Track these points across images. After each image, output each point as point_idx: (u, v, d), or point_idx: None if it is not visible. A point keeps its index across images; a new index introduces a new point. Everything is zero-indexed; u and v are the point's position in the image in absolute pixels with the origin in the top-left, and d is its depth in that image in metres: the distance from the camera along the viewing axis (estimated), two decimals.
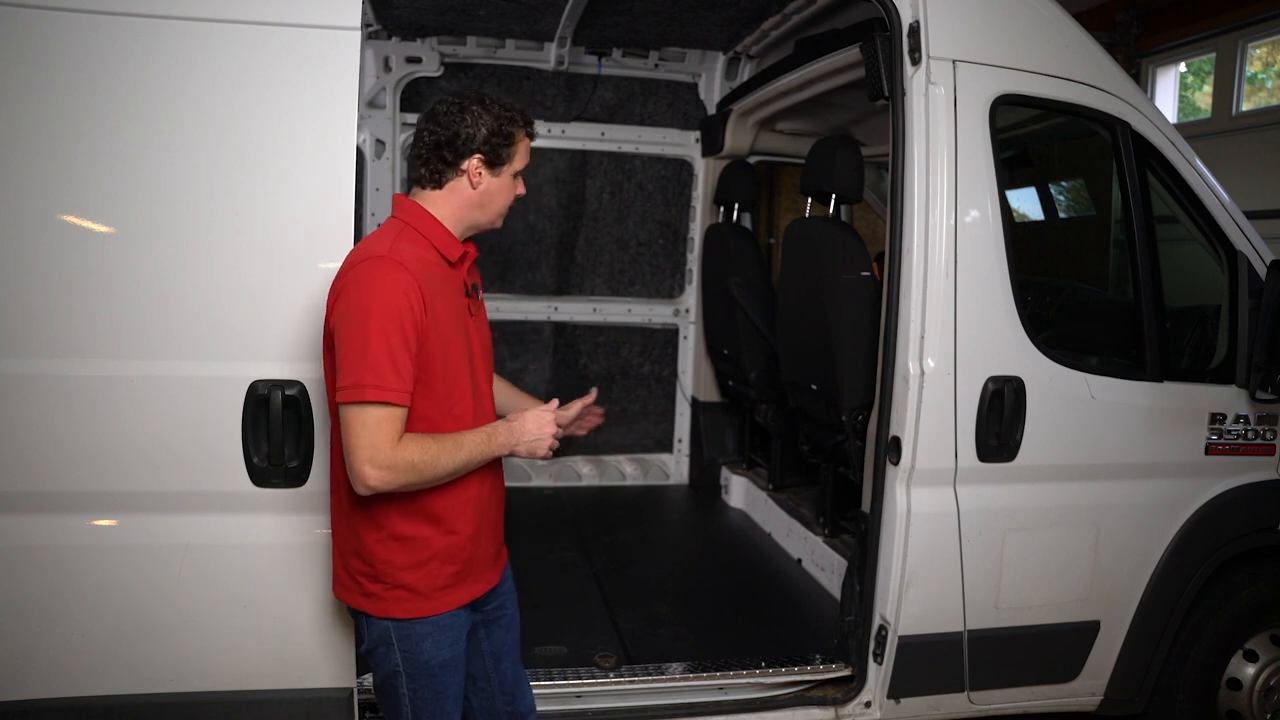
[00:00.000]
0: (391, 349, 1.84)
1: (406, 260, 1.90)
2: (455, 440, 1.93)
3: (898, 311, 2.69)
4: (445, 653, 2.05)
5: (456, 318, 2.02)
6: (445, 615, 2.04)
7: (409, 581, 1.99)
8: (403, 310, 1.85)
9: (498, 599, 2.23)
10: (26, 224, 2.17)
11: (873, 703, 2.83)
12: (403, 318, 1.85)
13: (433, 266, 1.98)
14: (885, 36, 2.69)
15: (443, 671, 2.05)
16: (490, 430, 2.00)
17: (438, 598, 2.02)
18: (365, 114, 4.14)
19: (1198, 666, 3.06)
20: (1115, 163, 2.92)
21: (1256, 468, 3.05)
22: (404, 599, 2.00)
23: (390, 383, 1.84)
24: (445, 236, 2.03)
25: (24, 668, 2.30)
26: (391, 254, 1.90)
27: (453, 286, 2.03)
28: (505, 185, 2.06)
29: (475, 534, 2.07)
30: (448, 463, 1.90)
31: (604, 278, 4.86)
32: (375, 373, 1.83)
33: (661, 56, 4.53)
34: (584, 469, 4.89)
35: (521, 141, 2.06)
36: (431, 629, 2.03)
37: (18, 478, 2.23)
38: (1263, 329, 2.87)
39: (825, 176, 3.32)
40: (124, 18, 2.18)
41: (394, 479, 1.85)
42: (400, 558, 1.99)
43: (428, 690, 2.05)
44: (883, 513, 2.76)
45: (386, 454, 1.83)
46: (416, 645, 2.02)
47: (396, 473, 1.84)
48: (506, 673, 2.29)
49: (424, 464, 1.87)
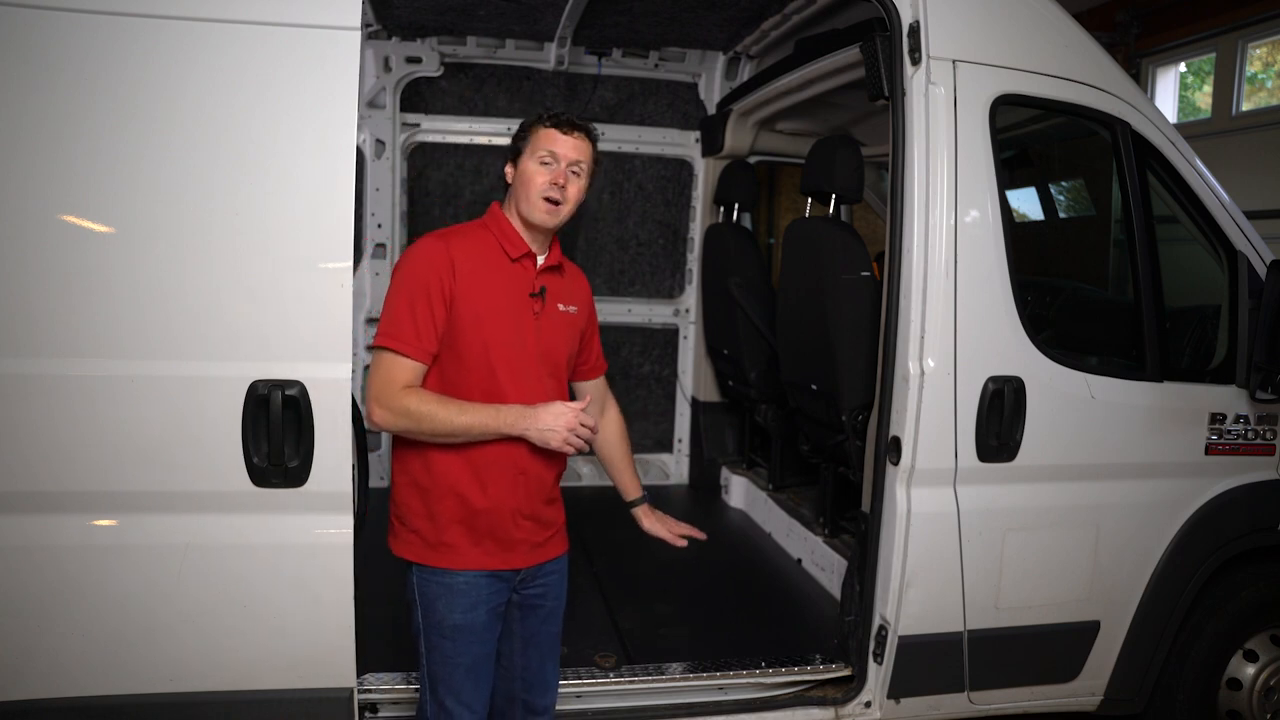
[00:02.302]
0: (413, 305, 2.08)
1: (450, 238, 2.16)
2: (461, 405, 2.10)
3: (898, 311, 2.69)
4: (457, 617, 2.16)
5: (506, 303, 2.17)
6: (459, 579, 2.16)
7: (419, 528, 2.19)
8: (427, 273, 2.09)
9: (539, 586, 2.32)
10: (26, 224, 2.16)
11: (873, 703, 2.83)
12: (427, 279, 2.09)
13: (487, 253, 2.19)
14: (885, 36, 2.69)
15: (454, 635, 2.16)
16: (501, 407, 2.12)
17: (444, 552, 2.17)
18: (365, 114, 4.14)
19: (1198, 666, 3.06)
20: (1115, 163, 2.92)
21: (1256, 468, 3.05)
22: (413, 543, 2.20)
23: (404, 334, 2.08)
24: (509, 232, 2.22)
25: (24, 668, 2.30)
26: (439, 234, 2.18)
27: (512, 278, 2.20)
28: (527, 171, 2.19)
29: (492, 507, 2.17)
30: (446, 420, 2.07)
31: (604, 278, 4.86)
32: (393, 323, 2.09)
33: (661, 56, 4.53)
34: (584, 469, 4.88)
35: (536, 132, 2.20)
36: (444, 590, 2.17)
37: (18, 478, 2.23)
38: (1263, 329, 2.87)
39: (825, 176, 3.32)
40: (124, 18, 2.17)
41: (393, 420, 2.08)
42: (416, 504, 2.19)
43: (438, 651, 2.18)
44: (883, 513, 2.76)
45: (388, 396, 2.07)
46: (432, 603, 2.18)
47: (394, 415, 2.07)
48: (533, 661, 2.34)
49: (420, 414, 2.06)
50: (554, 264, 2.28)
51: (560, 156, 2.16)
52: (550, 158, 2.16)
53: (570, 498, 4.93)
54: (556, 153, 2.16)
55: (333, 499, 2.33)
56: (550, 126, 2.18)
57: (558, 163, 2.16)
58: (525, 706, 2.36)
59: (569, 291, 2.32)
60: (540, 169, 2.16)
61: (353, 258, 2.32)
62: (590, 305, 2.41)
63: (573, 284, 2.35)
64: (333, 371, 2.27)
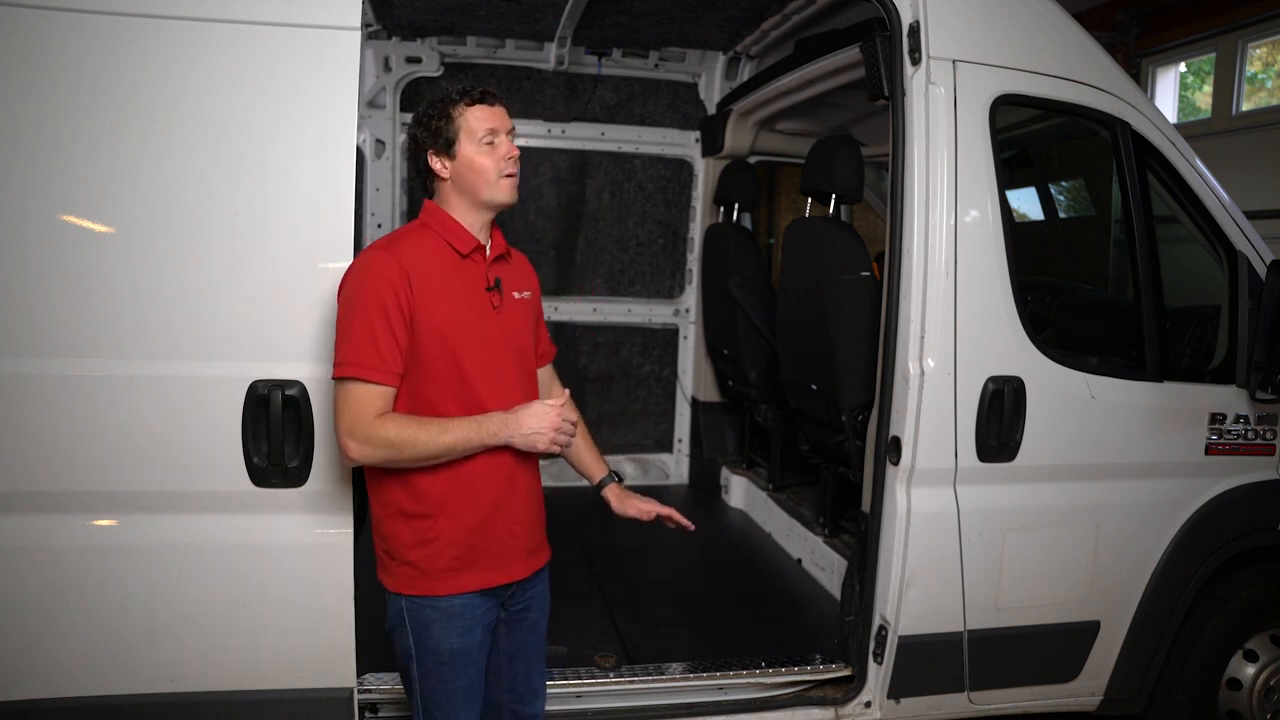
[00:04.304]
0: (372, 328, 1.93)
1: (397, 249, 2.01)
2: (440, 424, 1.97)
3: (898, 311, 2.69)
4: (454, 641, 2.07)
5: (466, 306, 2.06)
6: (455, 602, 2.06)
7: (414, 559, 2.05)
8: (383, 291, 1.94)
9: (524, 601, 2.22)
10: (26, 224, 2.17)
11: (873, 703, 2.83)
12: (383, 298, 1.94)
13: (437, 256, 2.05)
14: (885, 36, 2.69)
15: (451, 660, 2.07)
16: (482, 418, 2.01)
17: (442, 579, 2.05)
18: (365, 114, 4.14)
19: (1198, 666, 3.06)
20: (1115, 163, 2.92)
21: (1256, 468, 3.05)
22: (411, 576, 2.06)
23: (368, 360, 1.93)
24: (456, 229, 2.10)
25: (24, 668, 2.30)
26: (384, 244, 2.03)
27: (466, 276, 2.08)
28: (472, 157, 2.06)
29: (482, 524, 2.07)
30: (428, 443, 1.95)
31: (604, 278, 4.86)
32: (355, 350, 1.93)
33: (661, 56, 4.53)
34: None
35: (463, 112, 2.05)
36: (440, 615, 2.06)
37: (18, 478, 2.23)
38: (1263, 329, 2.87)
39: (825, 176, 3.32)
40: (124, 18, 2.18)
41: (371, 453, 1.94)
42: (406, 535, 2.05)
43: (434, 677, 2.08)
44: (883, 513, 2.76)
45: (363, 428, 1.93)
46: (426, 629, 2.06)
47: (373, 446, 1.93)
48: (519, 671, 2.28)
49: (401, 442, 1.93)
50: (502, 253, 2.19)
51: (499, 129, 2.08)
52: (491, 135, 2.06)
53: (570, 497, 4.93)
54: (495, 128, 2.07)
55: (333, 499, 2.34)
56: (476, 103, 2.07)
57: (500, 136, 2.08)
58: (515, 716, 2.30)
59: (519, 277, 2.23)
60: (487, 150, 2.06)
61: (352, 258, 2.31)
62: (538, 289, 2.32)
63: (521, 269, 2.27)
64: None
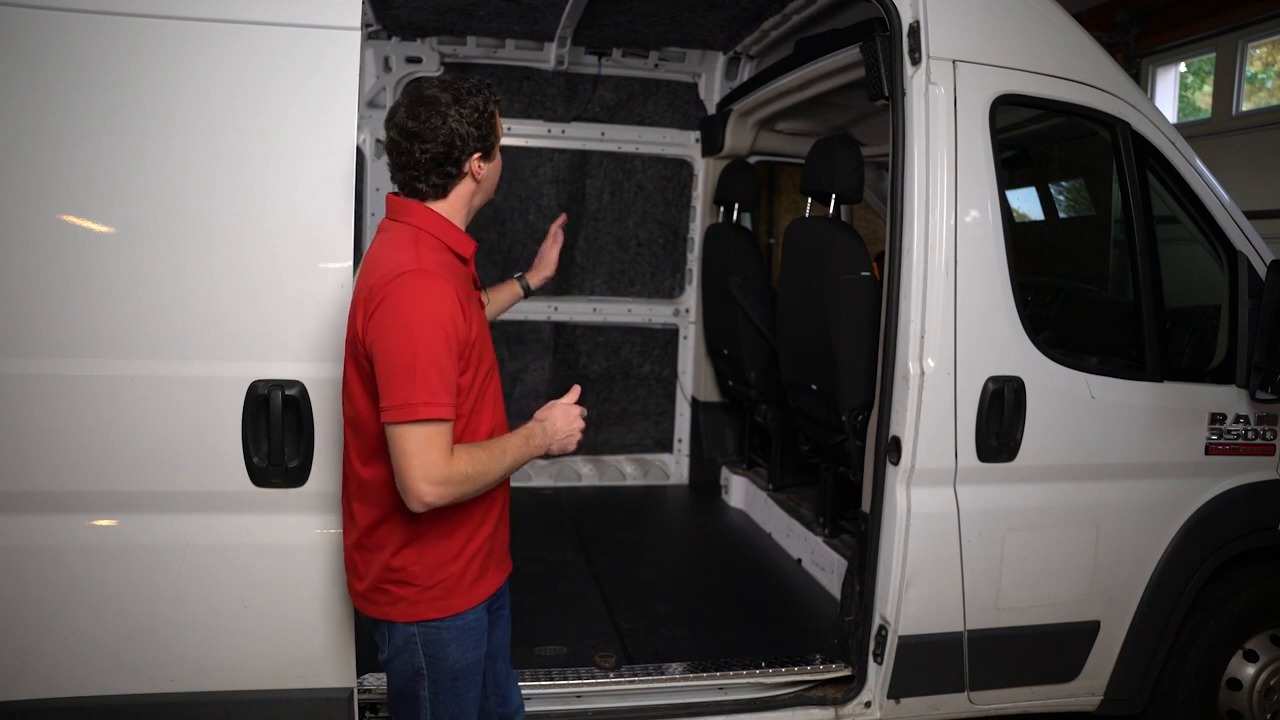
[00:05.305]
0: (440, 364, 1.82)
1: (437, 269, 1.87)
2: (500, 446, 1.94)
3: (898, 311, 2.69)
4: (470, 656, 2.04)
5: (480, 317, 2.01)
6: (470, 617, 2.03)
7: (443, 578, 1.98)
8: (446, 324, 1.83)
9: (500, 599, 2.23)
10: (26, 224, 2.16)
11: (873, 703, 2.83)
12: (447, 331, 1.83)
13: (455, 268, 1.95)
14: (885, 36, 2.69)
15: (465, 675, 2.04)
16: (527, 433, 2.01)
17: (470, 591, 2.02)
18: (365, 114, 4.14)
19: (1198, 666, 3.06)
20: (1115, 163, 2.92)
21: (1256, 468, 3.05)
22: (437, 597, 1.98)
23: (441, 398, 1.82)
24: (457, 235, 2.01)
25: (24, 668, 2.30)
26: (423, 265, 1.86)
27: (468, 284, 2.02)
28: (498, 163, 2.06)
29: (495, 528, 2.09)
30: (497, 469, 1.91)
31: (604, 278, 4.86)
32: (428, 389, 1.80)
33: (661, 56, 4.53)
34: (584, 469, 4.89)
35: (496, 117, 2.02)
36: (457, 634, 2.01)
37: (18, 478, 2.23)
38: (1263, 329, 2.87)
39: (825, 176, 3.32)
40: (124, 18, 2.18)
41: (450, 492, 1.83)
42: (417, 568, 1.97)
43: (449, 694, 2.03)
44: (883, 513, 2.76)
45: (441, 469, 1.81)
46: (442, 650, 2.00)
47: (452, 486, 1.83)
48: (500, 672, 2.29)
49: (477, 474, 1.86)
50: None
51: None
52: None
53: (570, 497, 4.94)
54: None
55: (333, 499, 2.33)
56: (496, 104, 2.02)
57: None
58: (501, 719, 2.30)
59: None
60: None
61: (353, 258, 2.32)
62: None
63: None
64: (333, 371, 2.26)
